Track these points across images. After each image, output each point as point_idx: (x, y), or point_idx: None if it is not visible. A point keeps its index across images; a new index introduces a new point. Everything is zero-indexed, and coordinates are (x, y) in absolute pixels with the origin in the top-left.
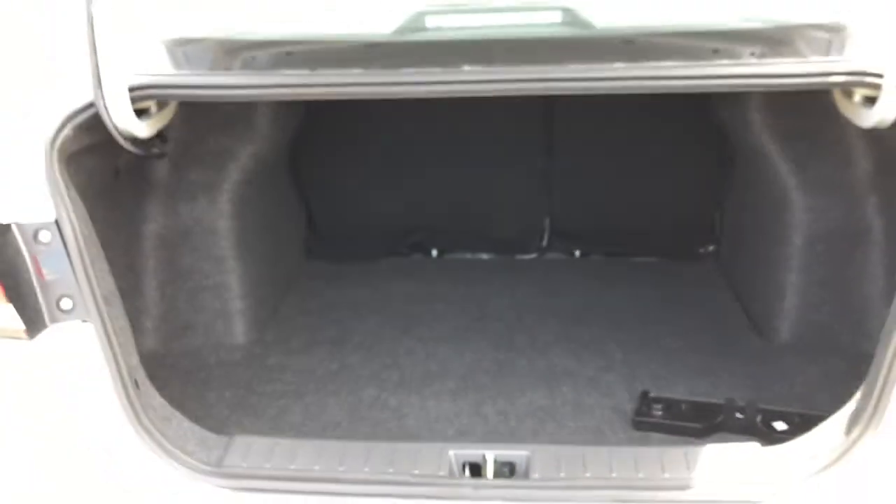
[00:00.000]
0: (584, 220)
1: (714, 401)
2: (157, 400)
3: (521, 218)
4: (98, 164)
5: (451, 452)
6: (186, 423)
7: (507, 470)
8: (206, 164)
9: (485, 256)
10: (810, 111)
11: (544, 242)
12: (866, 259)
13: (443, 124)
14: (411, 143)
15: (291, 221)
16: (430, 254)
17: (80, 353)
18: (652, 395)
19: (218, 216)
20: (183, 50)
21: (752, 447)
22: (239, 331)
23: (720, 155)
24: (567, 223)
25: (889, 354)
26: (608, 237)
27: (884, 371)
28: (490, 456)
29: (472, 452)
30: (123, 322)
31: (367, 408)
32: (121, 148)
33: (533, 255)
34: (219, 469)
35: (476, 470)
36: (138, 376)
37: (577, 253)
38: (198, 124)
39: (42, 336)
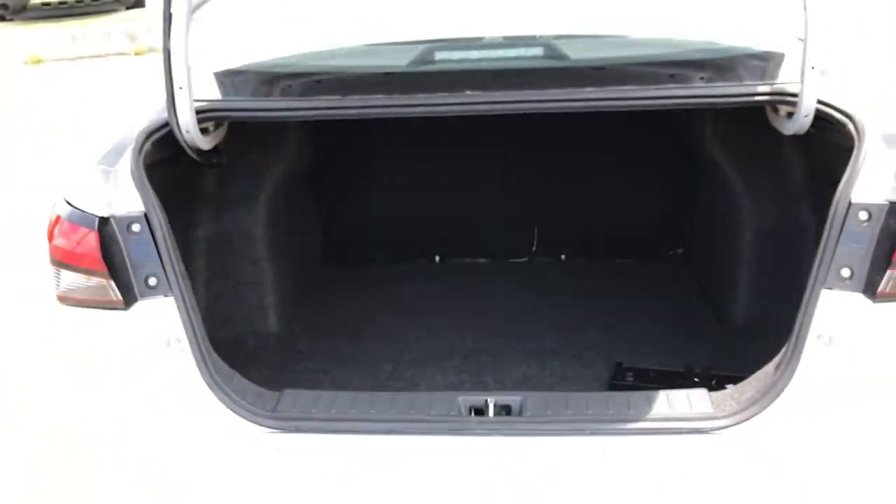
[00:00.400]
0: (569, 228)
1: (676, 369)
2: (221, 362)
3: (514, 227)
4: (167, 175)
5: (460, 398)
6: (245, 381)
7: (504, 411)
8: (246, 178)
9: (482, 261)
10: (753, 128)
11: (534, 248)
12: (804, 252)
13: (446, 148)
14: (418, 163)
15: (312, 229)
16: (433, 259)
17: (163, 322)
18: (625, 365)
19: (255, 223)
20: (231, 80)
21: (701, 393)
22: (272, 321)
23: (685, 168)
24: (553, 231)
25: (802, 313)
26: (590, 242)
27: (797, 327)
28: (491, 400)
29: (476, 398)
30: (193, 299)
31: (386, 379)
32: (184, 162)
33: (524, 259)
34: (274, 414)
35: (479, 412)
36: (206, 343)
37: (563, 257)
38: (240, 143)
39: (134, 307)
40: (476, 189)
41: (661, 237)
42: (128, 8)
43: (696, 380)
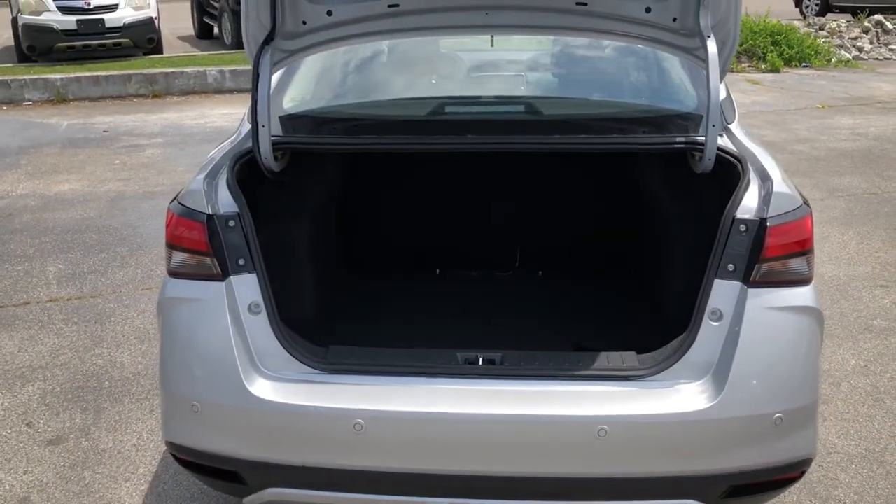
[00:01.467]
0: (546, 248)
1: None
2: (283, 326)
3: (500, 245)
4: (245, 191)
5: (458, 354)
6: (301, 339)
7: (489, 363)
8: (296, 197)
9: (474, 273)
10: (681, 168)
11: (517, 263)
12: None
13: (446, 179)
14: (425, 193)
15: (337, 246)
16: (434, 271)
17: (247, 292)
18: (584, 343)
19: (301, 232)
20: (294, 121)
21: (631, 354)
22: (309, 309)
23: (635, 199)
24: (533, 250)
25: (700, 296)
26: (562, 259)
27: (697, 306)
28: (480, 355)
29: (469, 354)
30: (267, 278)
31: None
32: (257, 182)
33: (509, 273)
34: (323, 360)
35: (472, 363)
36: (276, 309)
37: (541, 273)
38: (293, 171)
39: (228, 280)
40: (471, 214)
41: (619, 256)
42: (145, 53)
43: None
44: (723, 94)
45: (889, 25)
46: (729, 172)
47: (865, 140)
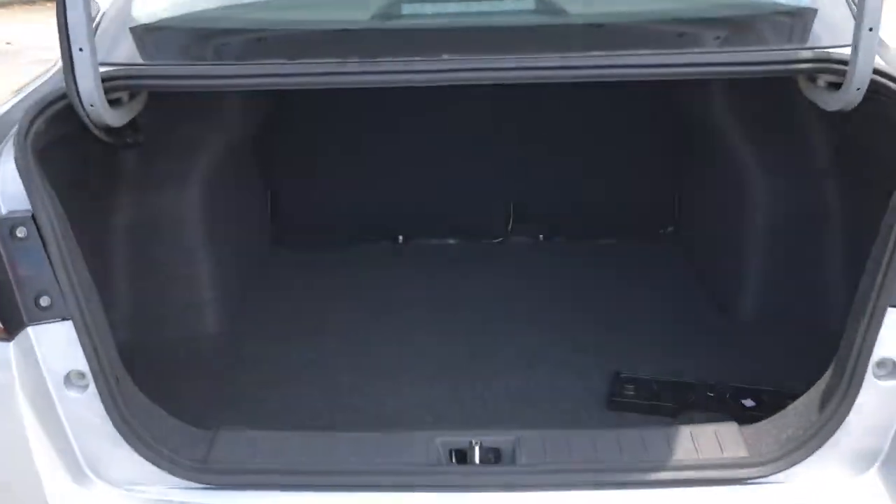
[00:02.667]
0: (547, 205)
1: (684, 380)
2: (139, 396)
3: (486, 203)
4: (69, 155)
5: (439, 440)
6: (170, 420)
7: (492, 456)
8: (176, 154)
9: (451, 241)
10: (772, 95)
11: (509, 227)
12: (826, 240)
13: (408, 112)
14: (377, 130)
15: (258, 209)
16: (396, 240)
17: (60, 353)
18: (623, 375)
19: (187, 206)
20: (154, 37)
21: (730, 427)
22: (210, 321)
23: (679, 137)
24: (530, 208)
25: (860, 334)
26: (570, 221)
27: (855, 351)
28: (476, 441)
29: (458, 439)
30: (101, 318)
31: (346, 395)
32: (92, 138)
33: (499, 240)
34: (205, 465)
35: (462, 456)
36: (119, 372)
37: (541, 237)
38: (167, 113)
39: (21, 336)
40: (445, 160)
41: (649, 214)
42: None
43: (709, 393)
44: None
45: None
46: (881, 110)
47: None
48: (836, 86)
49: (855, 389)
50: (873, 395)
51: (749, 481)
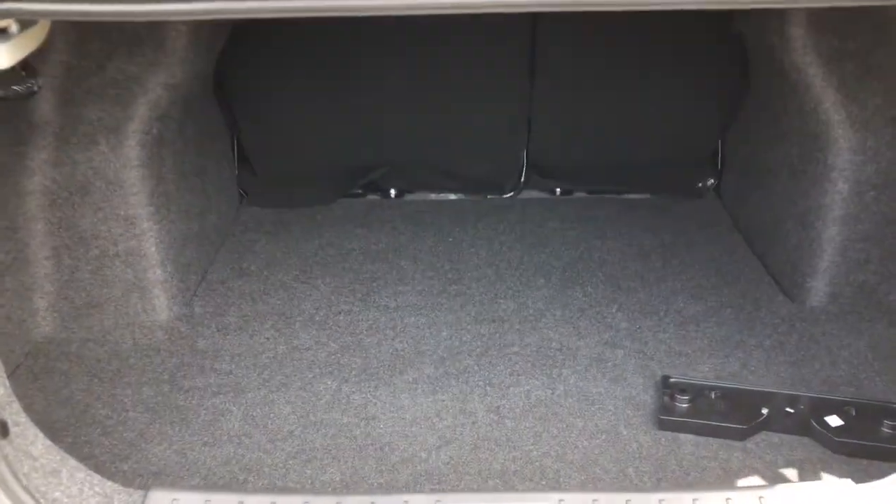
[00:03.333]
0: (566, 154)
1: (752, 387)
2: (39, 445)
3: (495, 151)
4: None
5: None
6: (81, 474)
7: None
8: (107, 99)
9: (452, 197)
10: (861, 28)
11: (521, 179)
12: None
13: (401, 41)
14: (364, 63)
15: (221, 162)
16: (388, 195)
17: None
18: (673, 379)
19: (125, 164)
20: None
21: (846, 485)
22: (160, 305)
23: (727, 74)
24: (547, 156)
25: None
26: (592, 172)
27: None
28: None
29: None
30: None
31: (326, 407)
32: None
33: (508, 195)
34: None
35: None
36: (7, 414)
37: (558, 191)
38: (93, 48)
39: None
40: (445, 99)
41: (687, 164)
42: None
43: (787, 409)
44: None
45: None
46: None
47: None
48: None
49: None
50: None
51: None
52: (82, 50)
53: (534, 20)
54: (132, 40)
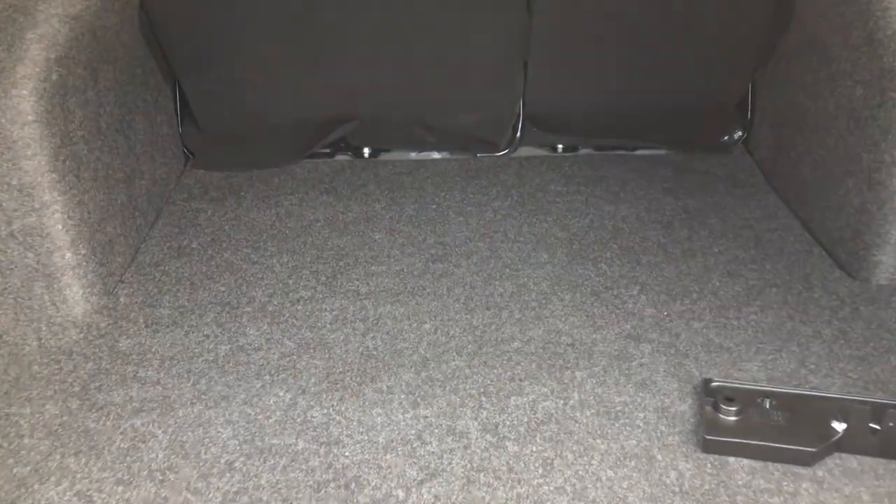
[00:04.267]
0: (570, 102)
1: (818, 392)
2: None
3: (485, 100)
4: None
5: None
6: None
7: None
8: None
9: (436, 156)
10: None
11: (517, 134)
12: None
13: None
14: None
15: (155, 116)
16: (360, 154)
17: None
18: (716, 383)
19: (14, 120)
20: None
21: None
22: (73, 296)
23: (762, 2)
24: (547, 106)
25: None
26: (600, 123)
27: None
28: None
29: None
30: None
31: (276, 428)
32: None
33: (502, 153)
34: None
35: None
36: None
37: (560, 147)
38: None
39: None
40: (426, 37)
41: (709, 113)
42: None
43: (872, 424)
44: None
45: None
46: None
47: None
48: None
49: None
50: None
51: None
52: None
53: None
54: None
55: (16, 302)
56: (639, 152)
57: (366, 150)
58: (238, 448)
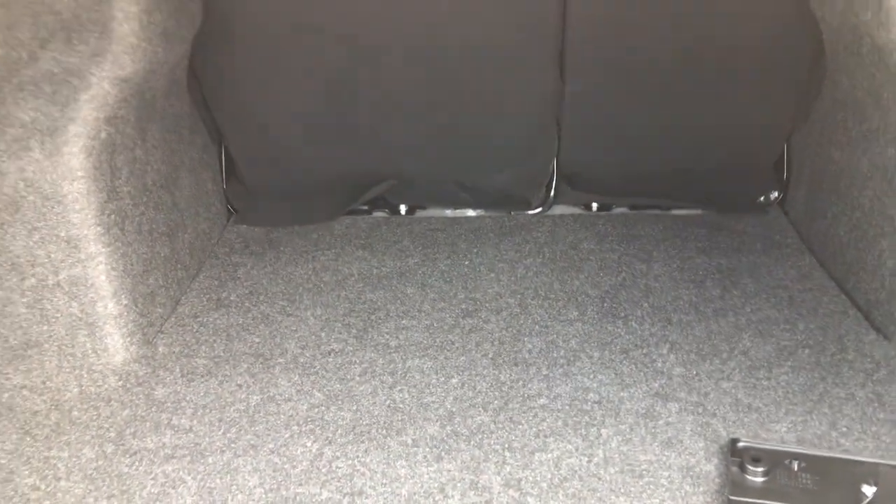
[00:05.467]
0: (604, 161)
1: (848, 456)
2: None
3: (520, 160)
4: None
5: None
6: None
7: None
8: (42, 97)
9: (471, 213)
10: None
11: (551, 193)
12: None
13: (410, 24)
14: (368, 54)
15: (201, 173)
16: (396, 211)
17: None
18: (743, 443)
19: (65, 175)
20: None
21: None
22: (113, 345)
23: (798, 65)
24: (580, 165)
25: None
26: (634, 183)
27: None
28: None
29: None
30: None
31: (302, 477)
32: None
33: (535, 211)
34: None
35: None
36: None
37: (595, 206)
38: (23, 35)
39: None
40: (462, 98)
41: (745, 175)
42: None
43: None
44: None
45: None
46: None
47: None
48: None
49: None
50: None
51: None
52: (10, 38)
53: (564, 5)
54: (70, 25)
55: (59, 349)
56: (674, 212)
57: (402, 207)
58: (264, 496)
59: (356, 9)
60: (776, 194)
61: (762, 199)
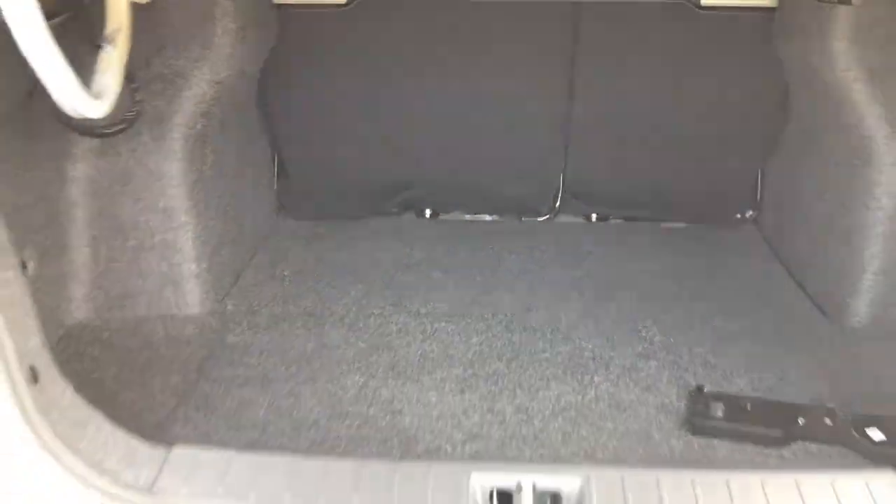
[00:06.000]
0: (603, 179)
1: (791, 400)
2: (68, 397)
3: (532, 173)
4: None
5: (475, 478)
6: (108, 428)
7: (548, 500)
8: (153, 92)
9: (487, 218)
10: None
11: (557, 203)
12: None
13: (439, 57)
14: (402, 79)
15: (260, 169)
16: (423, 214)
17: None
18: (708, 389)
19: (167, 157)
20: None
21: (888, 479)
22: (193, 300)
23: (768, 102)
24: (584, 181)
25: None
26: (629, 199)
27: None
28: (527, 481)
29: (502, 476)
30: (16, 289)
31: (352, 400)
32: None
33: (544, 218)
34: (150, 496)
35: (506, 499)
36: (38, 363)
37: (594, 217)
38: (141, 41)
39: None
40: (482, 118)
41: (726, 194)
42: None
43: (827, 421)
44: None
45: None
46: None
47: None
48: None
49: None
50: None
51: None
52: (134, 47)
53: (574, 40)
54: (180, 36)
55: (150, 301)
56: (662, 224)
57: (427, 211)
58: (322, 412)
59: (399, 51)
60: (751, 212)
61: (738, 216)
